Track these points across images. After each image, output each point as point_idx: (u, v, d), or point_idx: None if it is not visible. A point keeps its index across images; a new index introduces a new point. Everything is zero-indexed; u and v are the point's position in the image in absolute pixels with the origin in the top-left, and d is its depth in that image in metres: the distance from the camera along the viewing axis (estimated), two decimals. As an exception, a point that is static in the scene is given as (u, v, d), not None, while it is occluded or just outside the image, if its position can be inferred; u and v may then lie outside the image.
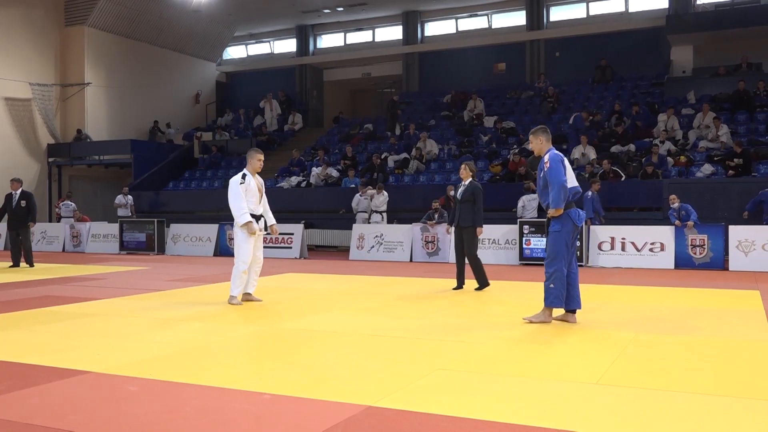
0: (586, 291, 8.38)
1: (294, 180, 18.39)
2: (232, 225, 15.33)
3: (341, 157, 18.99)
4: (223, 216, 17.75)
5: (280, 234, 14.91)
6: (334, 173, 17.86)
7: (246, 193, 7.01)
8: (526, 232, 12.29)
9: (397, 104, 21.48)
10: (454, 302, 7.01)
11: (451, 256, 12.40)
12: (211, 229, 15.74)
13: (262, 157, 7.26)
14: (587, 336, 5.33)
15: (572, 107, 19.45)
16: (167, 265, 12.95)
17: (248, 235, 7.00)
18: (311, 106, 25.96)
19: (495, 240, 12.82)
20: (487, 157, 17.31)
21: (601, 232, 12.09)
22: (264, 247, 15.84)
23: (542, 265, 11.77)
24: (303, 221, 15.49)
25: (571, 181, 5.74)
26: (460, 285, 8.42)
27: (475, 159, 17.32)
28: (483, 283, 8.30)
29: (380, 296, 7.87)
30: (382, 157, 17.89)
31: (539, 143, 5.95)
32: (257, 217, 7.09)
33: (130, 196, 18.30)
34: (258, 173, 7.21)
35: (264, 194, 7.26)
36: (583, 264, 11.70)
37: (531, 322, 5.91)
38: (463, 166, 8.37)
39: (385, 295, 8.06)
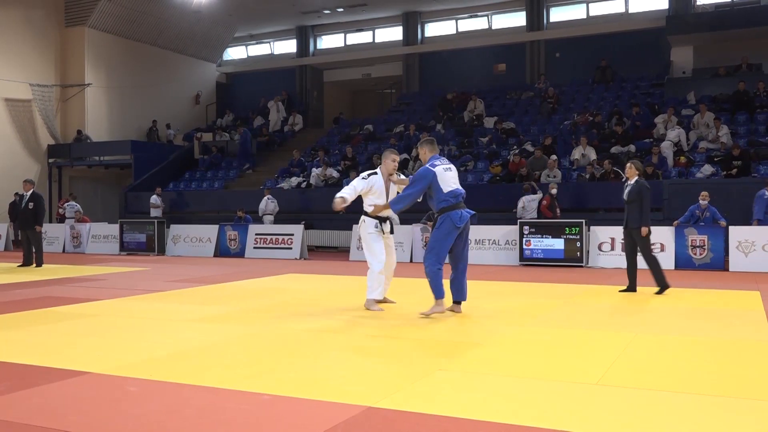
0: (586, 292, 8.39)
1: (294, 180, 18.39)
2: (232, 226, 15.56)
3: (341, 158, 19.00)
4: (223, 217, 17.76)
5: (280, 235, 14.92)
6: (335, 174, 17.87)
7: (369, 192, 6.71)
8: (526, 232, 12.30)
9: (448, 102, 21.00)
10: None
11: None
12: (211, 230, 15.74)
13: (397, 158, 6.78)
14: (587, 336, 5.33)
15: (572, 108, 19.46)
16: (167, 265, 12.95)
17: (337, 209, 6.68)
18: (311, 106, 25.97)
19: (495, 240, 12.83)
20: (487, 158, 17.31)
21: (602, 233, 12.09)
22: (263, 247, 15.54)
23: (544, 265, 11.93)
24: (303, 222, 15.50)
25: (448, 185, 6.22)
26: (631, 287, 8.11)
27: (475, 160, 17.33)
28: (663, 286, 7.98)
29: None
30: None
31: (423, 154, 6.44)
32: (382, 219, 6.74)
33: (270, 197, 17.58)
34: (391, 175, 6.72)
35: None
36: (583, 265, 11.70)
37: (427, 315, 6.20)
38: (628, 165, 8.11)
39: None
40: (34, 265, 12.29)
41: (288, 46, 26.97)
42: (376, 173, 6.77)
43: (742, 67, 18.60)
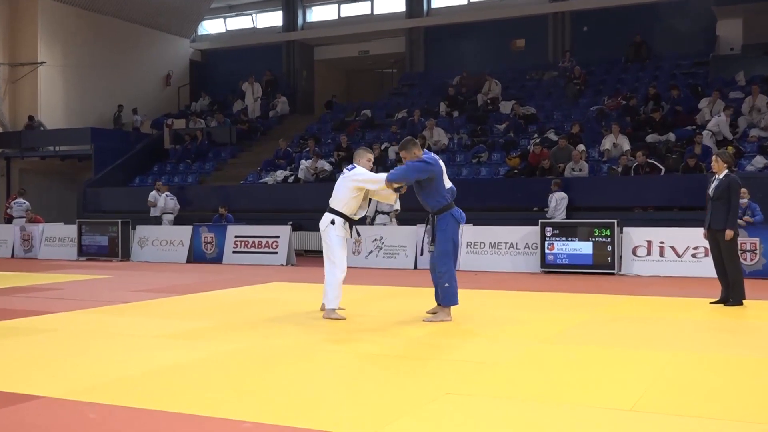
0: (618, 304, 8.39)
1: (280, 174, 18.39)
2: (208, 227, 15.57)
3: (335, 148, 18.99)
4: (196, 216, 17.75)
5: (263, 237, 14.94)
6: (327, 166, 17.87)
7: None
8: (548, 234, 12.29)
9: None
10: (462, 317, 7.02)
11: (462, 263, 12.41)
12: (183, 232, 15.75)
13: (372, 157, 7.27)
14: (618, 355, 5.33)
15: (602, 90, 19.44)
16: (133, 273, 12.94)
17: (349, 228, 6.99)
18: (300, 88, 25.95)
19: (512, 244, 12.82)
20: (503, 148, 17.31)
21: (636, 235, 12.09)
22: (244, 252, 15.60)
23: (569, 272, 11.94)
24: (290, 222, 15.49)
25: (447, 182, 6.87)
26: (724, 298, 8.00)
27: (489, 150, 17.33)
28: (736, 298, 7.88)
29: (378, 309, 7.88)
30: (383, 147, 17.90)
31: (413, 155, 6.80)
32: (353, 222, 7.07)
33: (169, 194, 17.63)
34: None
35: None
36: (614, 272, 11.71)
37: (431, 321, 6.68)
38: (714, 157, 8.05)
39: (384, 307, 8.07)
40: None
41: (273, 19, 26.96)
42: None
43: (800, 43, 18.60)
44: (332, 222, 6.98)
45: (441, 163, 6.90)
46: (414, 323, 6.80)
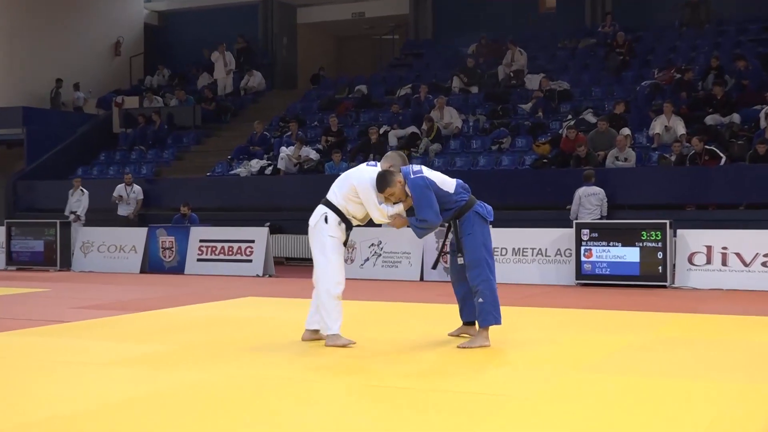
0: (671, 324, 8.38)
1: (255, 164, 18.37)
2: (167, 229, 15.55)
3: (322, 132, 18.98)
4: (152, 216, 17.71)
5: (235, 242, 14.90)
6: (313, 155, 17.85)
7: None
8: (585, 238, 12.27)
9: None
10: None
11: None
12: (136, 235, 15.72)
13: (402, 180, 6.81)
14: (673, 388, 5.33)
15: (651, 61, 19.43)
16: (75, 285, 12.89)
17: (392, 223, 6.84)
18: (280, 59, 25.92)
19: (541, 250, 12.79)
20: (529, 133, 17.30)
21: (693, 240, 12.06)
22: (211, 259, 15.52)
23: (611, 285, 11.92)
24: (268, 224, 15.47)
25: (447, 183, 6.77)
26: None
27: (513, 135, 17.31)
28: None
29: (373, 330, 7.86)
30: (381, 131, 17.89)
31: (399, 186, 6.64)
32: (351, 226, 6.84)
33: (137, 186, 17.62)
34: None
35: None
36: (666, 284, 11.70)
37: (469, 347, 6.61)
38: None
39: (381, 328, 8.05)
40: None
41: (246, -27, 26.94)
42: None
43: None
44: (325, 219, 6.73)
45: (425, 168, 6.88)
46: (421, 348, 6.80)
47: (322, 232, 6.73)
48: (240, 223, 16.16)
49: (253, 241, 14.70)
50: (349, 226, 6.80)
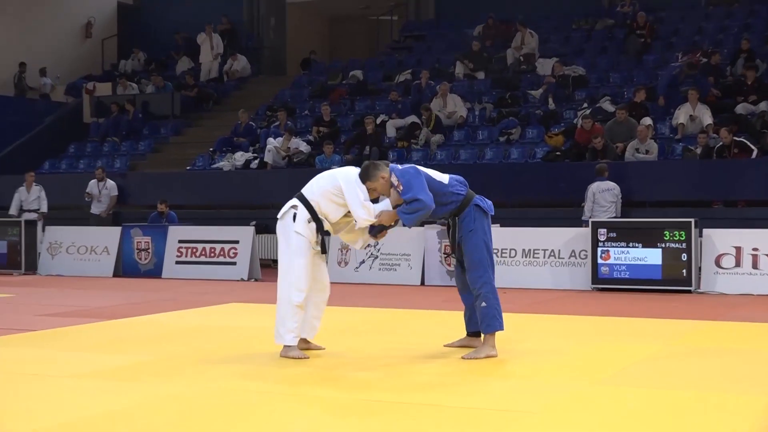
0: (697, 331, 8.38)
1: (240, 157, 18.35)
2: (142, 229, 15.53)
3: (314, 122, 18.97)
4: (126, 214, 17.69)
5: (217, 242, 14.89)
6: (303, 147, 17.84)
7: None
8: (602, 239, 12.28)
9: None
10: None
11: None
12: (109, 235, 15.71)
13: (387, 176, 6.86)
14: (700, 401, 5.34)
15: (675, 44, 19.43)
16: (42, 290, 12.89)
17: (369, 238, 6.85)
18: (267, 42, 25.90)
19: (554, 252, 12.80)
20: (541, 123, 17.29)
21: (720, 240, 12.06)
22: (191, 262, 15.42)
23: (631, 290, 11.92)
24: (253, 223, 15.47)
25: (441, 176, 6.82)
26: None
27: (523, 125, 17.30)
28: None
29: (367, 339, 7.86)
30: (378, 121, 17.88)
31: (382, 183, 6.67)
32: (322, 229, 6.74)
33: (110, 182, 17.47)
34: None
35: None
36: (692, 289, 11.70)
37: (473, 359, 6.58)
38: None
39: (375, 337, 8.05)
40: None
41: (230, -52, 26.92)
42: None
43: None
44: (293, 216, 6.65)
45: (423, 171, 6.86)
46: (419, 359, 6.80)
47: (288, 228, 6.70)
48: (223, 222, 16.17)
49: (237, 242, 14.70)
50: (320, 227, 6.70)
